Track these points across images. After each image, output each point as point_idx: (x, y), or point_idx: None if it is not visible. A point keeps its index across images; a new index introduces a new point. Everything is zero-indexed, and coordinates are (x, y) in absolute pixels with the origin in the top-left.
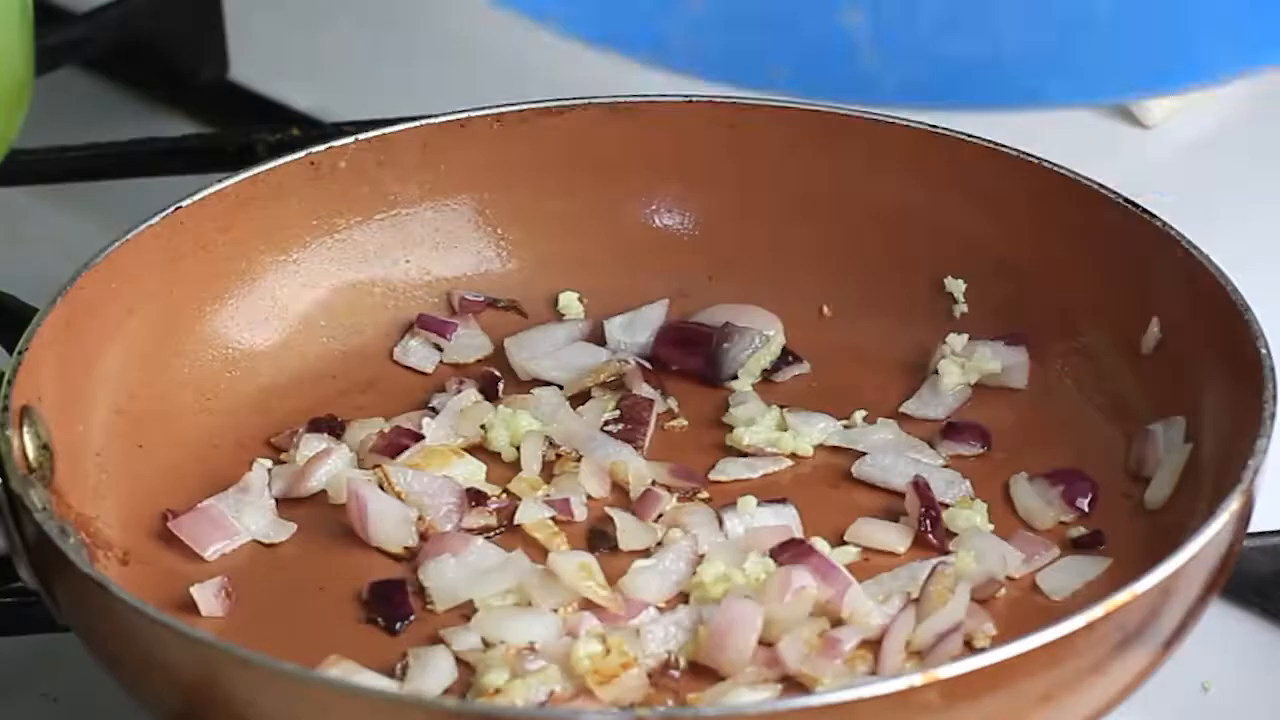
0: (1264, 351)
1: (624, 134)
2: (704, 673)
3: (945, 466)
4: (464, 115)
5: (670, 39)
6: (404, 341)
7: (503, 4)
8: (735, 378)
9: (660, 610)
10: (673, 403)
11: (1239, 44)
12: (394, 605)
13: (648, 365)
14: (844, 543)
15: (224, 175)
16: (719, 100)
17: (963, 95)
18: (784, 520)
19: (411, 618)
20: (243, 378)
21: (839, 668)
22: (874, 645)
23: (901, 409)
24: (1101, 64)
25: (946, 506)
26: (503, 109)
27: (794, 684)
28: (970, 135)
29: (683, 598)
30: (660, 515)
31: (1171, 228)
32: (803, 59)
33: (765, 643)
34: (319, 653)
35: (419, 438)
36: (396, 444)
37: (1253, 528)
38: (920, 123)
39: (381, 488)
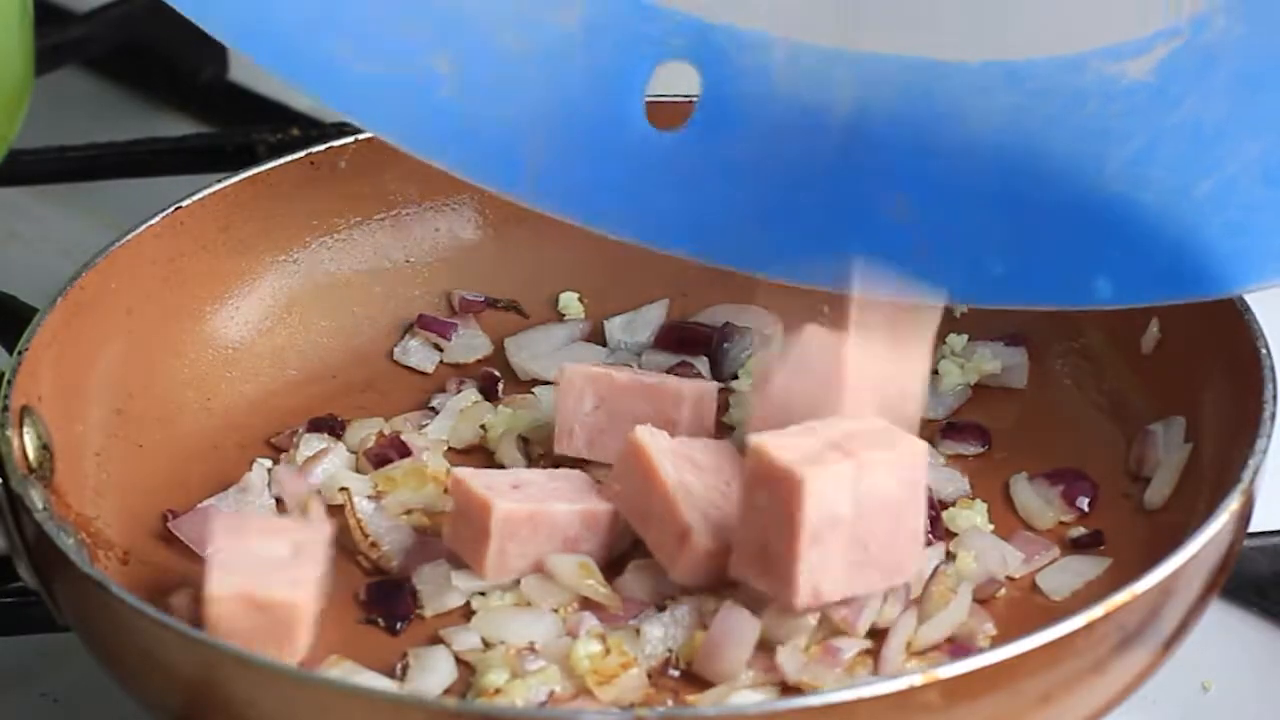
0: (1264, 351)
1: None
2: None
3: (945, 466)
4: None
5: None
6: (404, 341)
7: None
8: (735, 378)
9: (659, 609)
10: None
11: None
12: (394, 605)
13: None
14: None
15: (224, 175)
16: None
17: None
18: None
19: (411, 618)
20: (243, 378)
21: (839, 675)
22: (874, 648)
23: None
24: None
25: (946, 506)
26: None
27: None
28: None
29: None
30: None
31: None
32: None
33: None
34: (319, 653)
35: (408, 452)
36: (384, 455)
37: (1253, 528)
38: None
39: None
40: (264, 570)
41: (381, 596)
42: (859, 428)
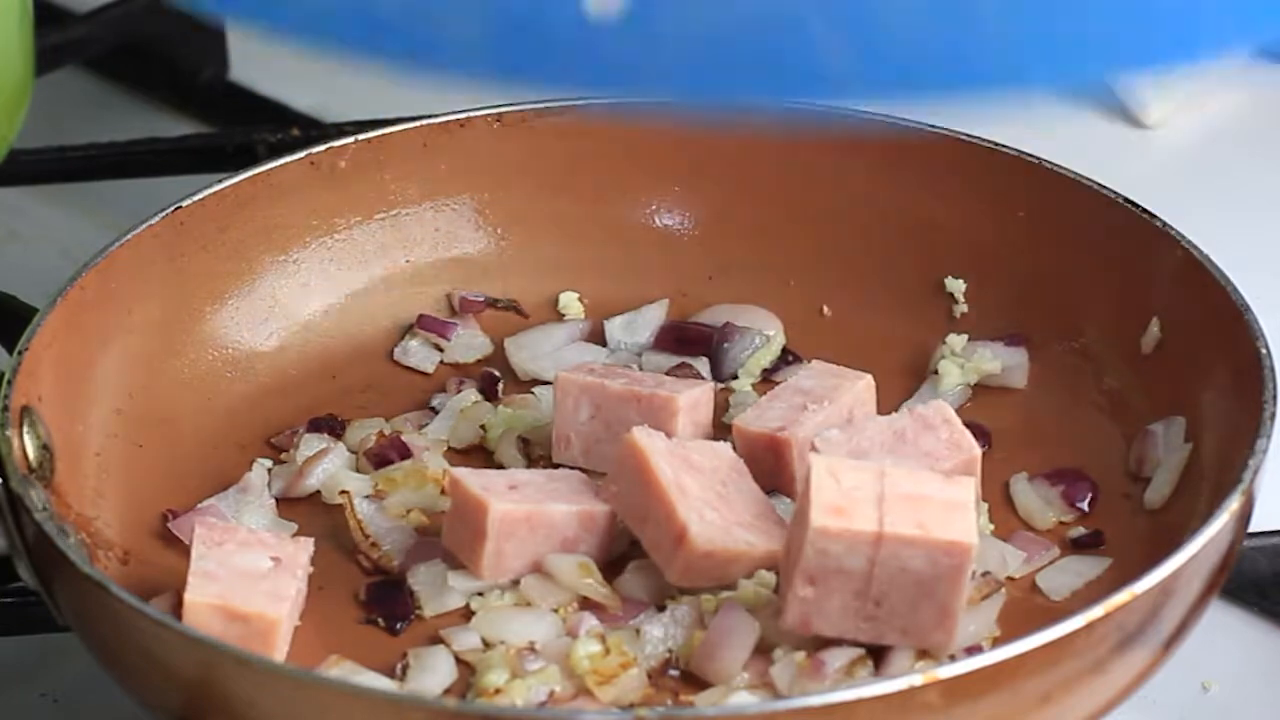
0: (1264, 351)
1: (624, 134)
2: None
3: None
4: (464, 115)
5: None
6: (404, 341)
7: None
8: (735, 378)
9: (659, 609)
10: None
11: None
12: (394, 605)
13: None
14: None
15: (224, 175)
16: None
17: (940, 86)
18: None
19: (411, 618)
20: (243, 378)
21: (830, 687)
22: (875, 653)
23: (901, 409)
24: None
25: None
26: (503, 109)
27: None
28: (971, 135)
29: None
30: None
31: (1171, 228)
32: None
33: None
34: (319, 653)
35: (408, 452)
36: (384, 456)
37: (1253, 528)
38: (922, 123)
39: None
40: (244, 581)
41: (381, 596)
42: (927, 494)
